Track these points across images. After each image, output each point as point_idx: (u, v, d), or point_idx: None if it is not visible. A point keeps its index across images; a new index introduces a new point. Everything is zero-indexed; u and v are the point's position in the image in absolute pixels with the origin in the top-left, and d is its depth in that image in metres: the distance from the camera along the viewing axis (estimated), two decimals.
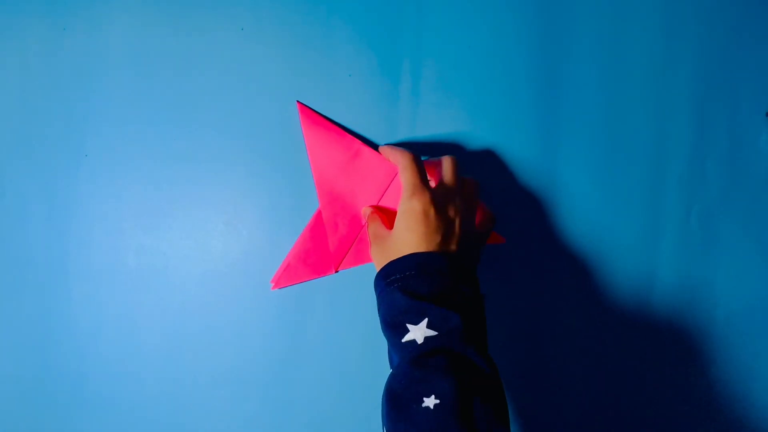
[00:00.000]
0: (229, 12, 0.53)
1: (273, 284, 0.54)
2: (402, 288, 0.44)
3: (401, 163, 0.48)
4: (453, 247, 0.46)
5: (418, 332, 0.42)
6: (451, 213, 0.46)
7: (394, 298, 0.44)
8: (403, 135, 0.54)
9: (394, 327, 0.43)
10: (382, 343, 0.55)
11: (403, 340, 0.42)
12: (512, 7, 0.54)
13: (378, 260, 0.48)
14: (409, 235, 0.45)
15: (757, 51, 0.55)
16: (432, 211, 0.45)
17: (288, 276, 0.53)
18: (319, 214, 0.53)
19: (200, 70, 0.54)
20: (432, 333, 0.42)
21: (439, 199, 0.46)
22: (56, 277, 0.54)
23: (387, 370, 0.55)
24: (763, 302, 0.57)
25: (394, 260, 0.45)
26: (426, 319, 0.42)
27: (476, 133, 0.54)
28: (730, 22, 0.55)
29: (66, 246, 0.54)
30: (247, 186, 0.54)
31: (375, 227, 0.50)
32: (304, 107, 0.53)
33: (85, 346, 0.55)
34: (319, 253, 0.53)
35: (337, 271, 0.53)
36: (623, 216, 0.55)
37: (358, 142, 0.53)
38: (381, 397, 0.43)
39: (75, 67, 0.53)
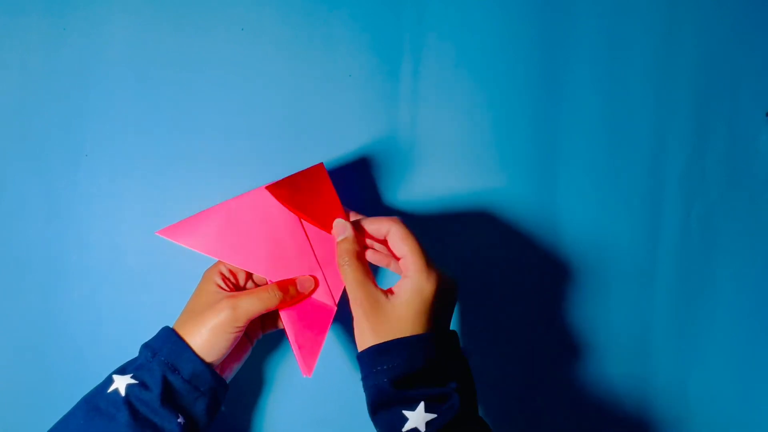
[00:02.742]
0: (229, 12, 0.53)
1: (308, 373, 0.47)
2: (392, 378, 0.40)
3: (397, 230, 0.44)
4: (446, 324, 0.44)
5: (417, 419, 0.39)
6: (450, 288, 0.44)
7: (384, 392, 0.40)
8: (403, 135, 0.54)
9: (389, 416, 0.40)
10: None
11: (404, 430, 0.39)
12: (512, 7, 0.54)
13: (366, 333, 0.42)
14: (414, 317, 0.42)
15: (757, 51, 0.55)
16: (439, 293, 0.42)
17: (308, 355, 0.47)
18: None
19: (200, 70, 0.54)
20: (431, 416, 0.39)
21: (444, 277, 0.43)
22: (56, 277, 0.54)
23: None
24: (763, 302, 0.57)
25: (386, 343, 0.41)
26: (422, 403, 0.40)
27: (476, 134, 0.54)
28: (730, 22, 0.55)
29: (66, 246, 0.54)
30: (247, 186, 0.54)
31: (366, 283, 0.43)
32: (167, 230, 0.47)
33: (85, 346, 0.55)
34: (309, 311, 0.48)
35: (337, 306, 0.48)
36: (623, 216, 0.55)
37: (226, 203, 0.47)
38: None
39: (75, 67, 0.53)
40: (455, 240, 0.55)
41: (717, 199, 0.56)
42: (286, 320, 0.48)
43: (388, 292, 0.43)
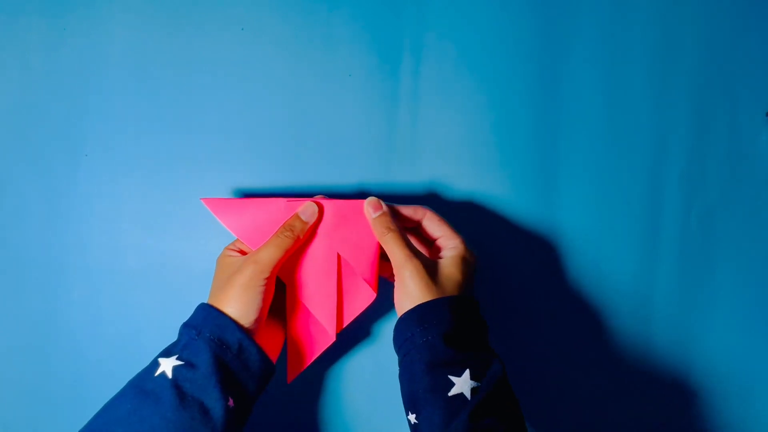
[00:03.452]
0: (229, 12, 0.53)
1: (289, 380, 0.50)
2: (443, 335, 0.42)
3: (432, 216, 0.48)
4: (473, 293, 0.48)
5: (463, 385, 0.41)
6: None
7: (435, 348, 0.42)
8: (403, 135, 0.54)
9: (434, 380, 0.41)
10: (381, 341, 0.55)
11: (450, 395, 0.40)
12: (512, 7, 0.54)
13: (413, 293, 0.44)
14: (460, 278, 0.45)
15: (757, 51, 0.55)
16: (475, 264, 0.47)
17: (295, 366, 0.49)
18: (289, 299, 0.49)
19: (200, 70, 0.54)
20: (475, 384, 0.41)
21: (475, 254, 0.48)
22: (56, 277, 0.54)
23: (384, 370, 0.55)
24: (763, 302, 0.57)
25: (433, 301, 0.43)
26: (468, 370, 0.41)
27: (476, 134, 0.54)
28: (730, 22, 0.55)
29: (66, 246, 0.54)
30: (247, 186, 0.54)
31: (411, 246, 0.46)
32: (210, 200, 0.48)
33: (85, 346, 0.55)
34: (312, 330, 0.49)
35: (337, 336, 0.49)
36: (623, 216, 0.55)
37: (276, 199, 0.48)
38: None
39: (75, 67, 0.53)
40: None
41: (717, 199, 0.56)
42: (289, 326, 0.49)
43: (433, 257, 0.47)
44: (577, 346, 0.56)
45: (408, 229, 0.49)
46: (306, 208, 0.47)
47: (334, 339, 0.49)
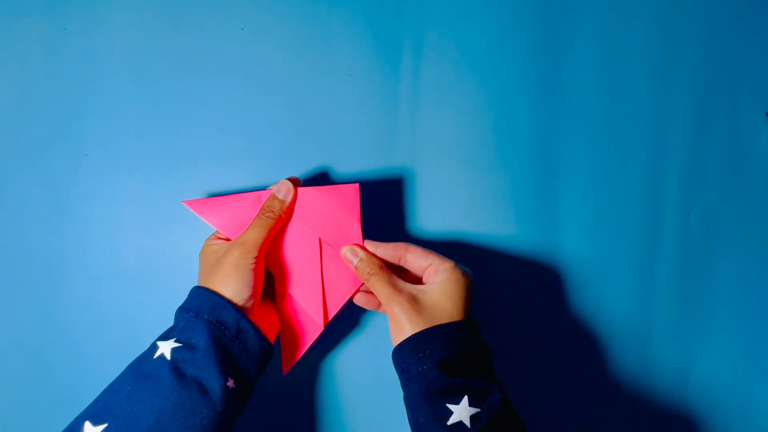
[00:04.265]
0: (229, 12, 0.53)
1: (284, 372, 0.50)
2: (438, 364, 0.42)
3: (415, 250, 0.47)
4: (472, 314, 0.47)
5: (462, 413, 0.41)
6: None
7: (430, 376, 0.42)
8: (403, 135, 0.54)
9: (433, 408, 0.41)
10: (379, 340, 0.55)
11: (449, 423, 0.40)
12: (512, 7, 0.54)
13: (405, 325, 0.44)
14: (450, 304, 0.44)
15: (757, 51, 0.55)
16: (470, 285, 0.46)
17: (289, 357, 0.50)
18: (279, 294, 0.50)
19: (200, 70, 0.54)
20: (475, 411, 0.41)
21: (469, 273, 0.46)
22: (56, 277, 0.54)
23: (380, 361, 0.55)
24: (763, 302, 0.57)
25: (427, 330, 0.43)
26: (466, 397, 0.41)
27: (476, 134, 0.54)
28: (730, 22, 0.55)
29: (66, 246, 0.54)
30: (247, 186, 0.54)
31: (396, 281, 0.46)
32: (192, 201, 0.49)
33: (85, 346, 0.55)
34: (301, 321, 0.50)
35: (326, 325, 0.49)
36: (623, 216, 0.55)
37: (253, 192, 0.49)
38: None
39: (75, 67, 0.53)
40: (454, 240, 0.55)
41: (717, 199, 0.56)
42: (281, 320, 0.50)
43: (421, 285, 0.46)
44: (578, 348, 0.56)
45: (393, 266, 0.48)
46: (280, 187, 0.48)
47: (322, 328, 0.49)
